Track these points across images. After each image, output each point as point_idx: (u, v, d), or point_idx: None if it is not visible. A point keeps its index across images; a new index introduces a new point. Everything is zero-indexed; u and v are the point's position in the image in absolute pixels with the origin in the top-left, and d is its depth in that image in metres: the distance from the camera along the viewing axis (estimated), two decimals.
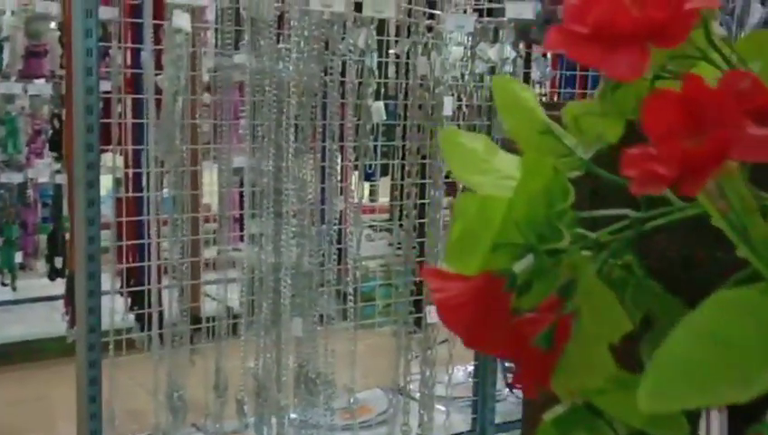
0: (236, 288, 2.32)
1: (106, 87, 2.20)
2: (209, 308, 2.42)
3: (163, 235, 2.21)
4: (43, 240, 3.66)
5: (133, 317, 2.46)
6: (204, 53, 2.28)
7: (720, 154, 0.27)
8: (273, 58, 2.14)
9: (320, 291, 2.31)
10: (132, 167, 2.42)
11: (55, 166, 3.48)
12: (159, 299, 2.23)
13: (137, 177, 2.42)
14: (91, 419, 2.03)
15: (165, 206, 2.19)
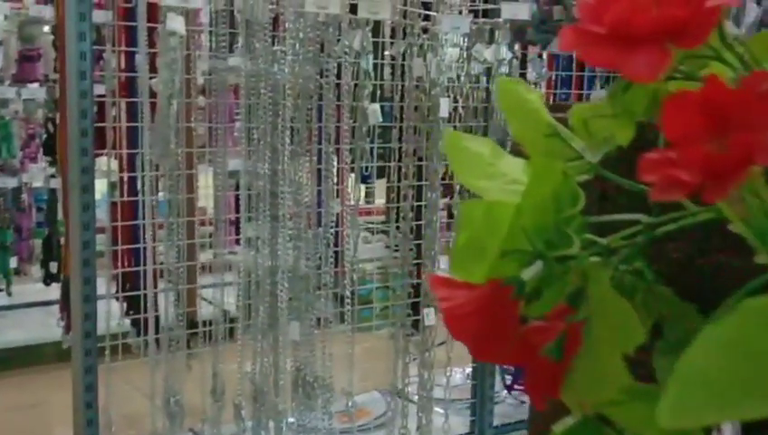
0: (233, 292, 2.31)
1: (100, 91, 2.19)
2: (206, 312, 2.41)
3: (159, 239, 2.19)
4: (37, 245, 3.64)
5: (129, 322, 2.45)
6: (198, 56, 2.27)
7: (745, 159, 0.26)
8: (269, 60, 2.13)
9: (317, 294, 2.30)
10: (127, 170, 2.41)
11: (50, 170, 3.46)
12: (155, 303, 2.22)
13: (132, 180, 2.40)
14: (87, 424, 2.02)
15: (160, 209, 2.18)
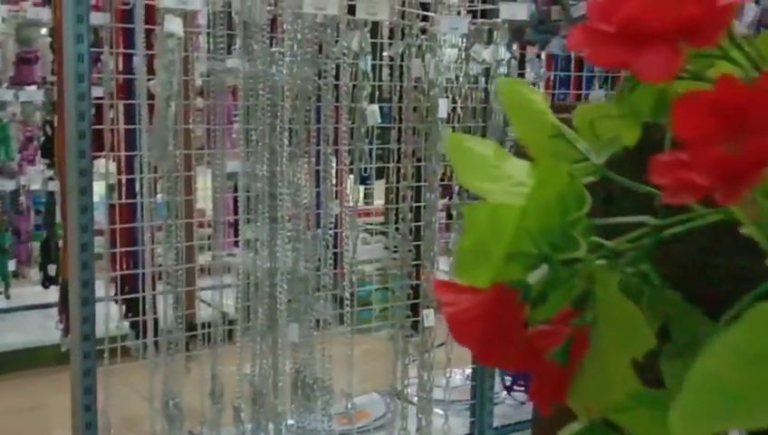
0: (232, 294, 2.30)
1: (98, 93, 2.18)
2: (204, 314, 2.41)
3: (157, 241, 2.19)
4: (36, 248, 3.63)
5: (128, 324, 2.44)
6: (196, 58, 2.26)
7: (759, 160, 0.25)
8: (267, 62, 2.12)
9: (316, 296, 2.30)
10: (125, 173, 2.40)
11: (48, 173, 3.45)
12: (154, 306, 2.21)
13: (130, 182, 2.40)
14: (86, 427, 2.02)
15: (159, 211, 2.17)
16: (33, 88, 3.49)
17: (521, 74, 2.80)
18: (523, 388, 2.90)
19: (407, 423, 2.53)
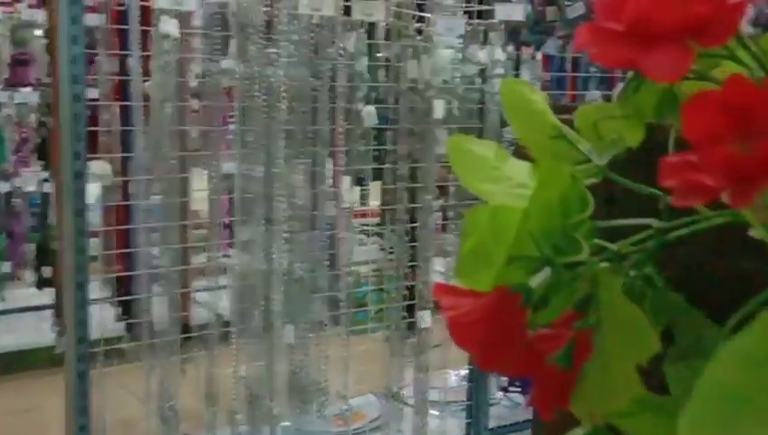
0: (227, 296, 2.29)
1: (93, 94, 2.18)
2: (200, 316, 2.40)
3: (152, 242, 2.18)
4: (31, 250, 3.62)
5: (123, 326, 2.43)
6: (191, 59, 2.26)
7: None
8: (262, 63, 2.12)
9: (311, 297, 2.29)
10: (121, 174, 2.39)
11: (43, 174, 3.44)
12: (149, 308, 2.20)
13: (125, 184, 2.39)
14: (81, 430, 2.01)
15: (154, 213, 2.16)
16: (29, 89, 3.48)
17: (516, 75, 2.80)
18: (519, 389, 2.90)
19: (402, 425, 2.52)
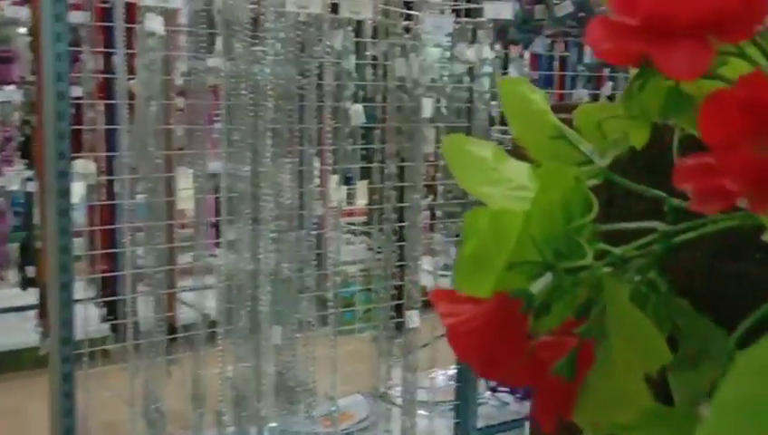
0: (213, 296, 2.27)
1: (77, 92, 2.15)
2: (186, 316, 2.38)
3: (137, 242, 2.16)
4: (14, 249, 3.58)
5: (108, 327, 2.41)
6: (177, 57, 2.24)
7: None
8: (249, 61, 2.10)
9: (299, 297, 2.28)
10: (105, 173, 2.37)
11: (26, 173, 3.41)
12: (135, 308, 2.18)
13: (110, 183, 2.36)
14: (65, 433, 1.98)
15: (139, 212, 2.14)
16: (12, 87, 3.44)
17: (504, 74, 2.79)
18: (507, 388, 2.89)
19: (390, 425, 2.51)
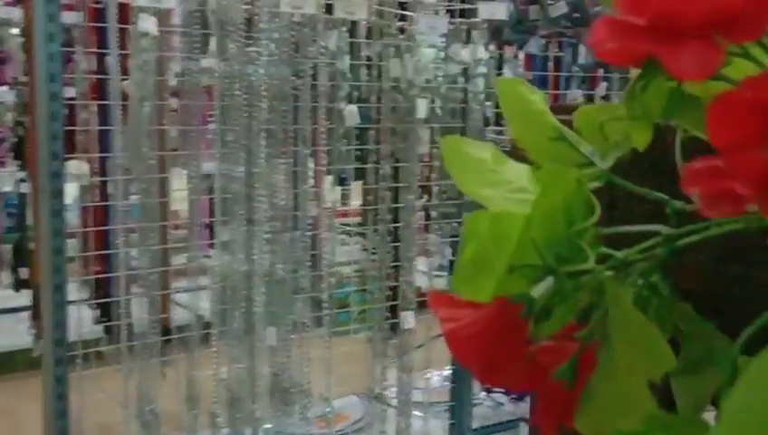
0: (208, 297, 2.27)
1: (71, 93, 2.14)
2: (180, 318, 2.37)
3: (131, 243, 2.15)
4: (7, 250, 3.57)
5: (102, 329, 2.40)
6: (171, 58, 2.23)
7: None
8: (243, 61, 2.09)
9: (293, 298, 2.27)
10: (99, 174, 2.36)
11: (19, 174, 3.39)
12: (128, 309, 2.17)
13: (103, 184, 2.36)
14: (59, 434, 1.97)
15: (133, 214, 2.14)
16: (5, 88, 3.43)
17: (499, 74, 2.79)
18: (502, 389, 2.89)
19: (385, 426, 2.51)
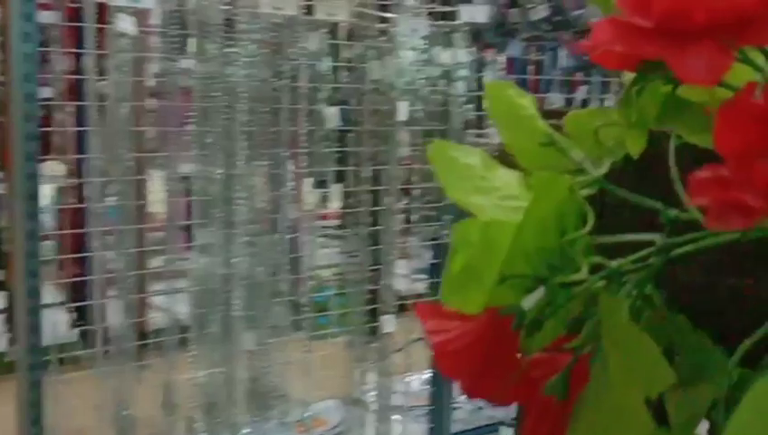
0: (185, 300, 2.24)
1: (47, 94, 2.12)
2: (157, 321, 2.34)
3: (108, 246, 2.13)
4: None
5: (77, 332, 2.37)
6: (149, 58, 2.21)
7: None
8: (222, 62, 2.08)
9: (272, 302, 2.25)
10: (75, 176, 2.33)
11: None
12: (104, 313, 2.15)
13: (80, 186, 2.33)
14: None
15: (109, 216, 2.11)
16: None
17: (479, 77, 2.78)
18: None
19: (365, 431, 2.49)
